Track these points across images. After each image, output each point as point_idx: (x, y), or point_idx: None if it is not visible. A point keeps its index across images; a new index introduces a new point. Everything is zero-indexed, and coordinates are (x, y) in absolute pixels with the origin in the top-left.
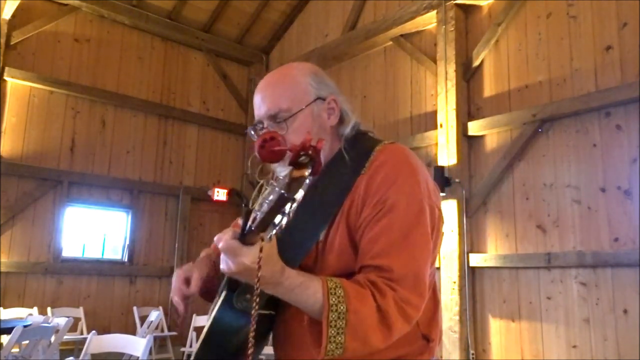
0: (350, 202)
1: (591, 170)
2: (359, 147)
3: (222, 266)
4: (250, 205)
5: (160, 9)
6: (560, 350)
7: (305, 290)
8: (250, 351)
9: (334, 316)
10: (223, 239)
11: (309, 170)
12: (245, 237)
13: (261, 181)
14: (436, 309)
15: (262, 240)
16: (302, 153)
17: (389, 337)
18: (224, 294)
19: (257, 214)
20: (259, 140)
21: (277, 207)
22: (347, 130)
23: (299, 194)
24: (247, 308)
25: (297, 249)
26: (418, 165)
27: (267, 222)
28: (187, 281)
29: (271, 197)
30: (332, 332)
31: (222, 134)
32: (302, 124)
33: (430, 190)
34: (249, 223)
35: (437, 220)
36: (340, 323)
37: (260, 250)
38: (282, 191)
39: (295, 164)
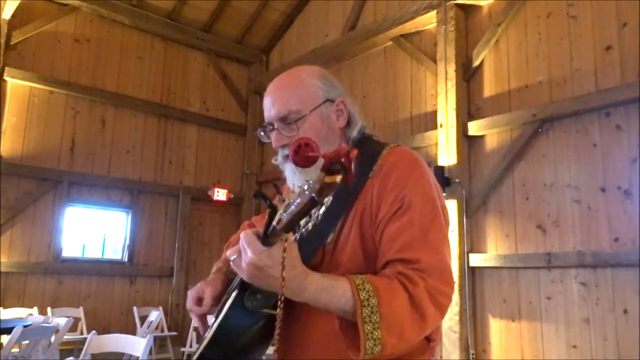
0: (363, 205)
1: (591, 170)
2: (366, 150)
3: (235, 268)
4: (275, 207)
5: (160, 9)
6: (560, 350)
7: (333, 291)
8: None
9: (367, 311)
10: (244, 233)
11: (340, 177)
12: (267, 238)
13: (284, 185)
14: None
15: (285, 240)
16: (334, 161)
17: (424, 327)
18: (234, 293)
19: (283, 216)
20: (293, 146)
21: (305, 209)
22: (355, 133)
23: (328, 200)
24: (257, 307)
25: (304, 251)
26: (426, 167)
27: (293, 223)
28: (199, 300)
29: (299, 200)
30: (368, 328)
31: (222, 134)
32: (311, 126)
33: (439, 189)
34: (274, 223)
35: (446, 219)
36: (375, 317)
37: (284, 251)
38: (313, 195)
39: (328, 171)
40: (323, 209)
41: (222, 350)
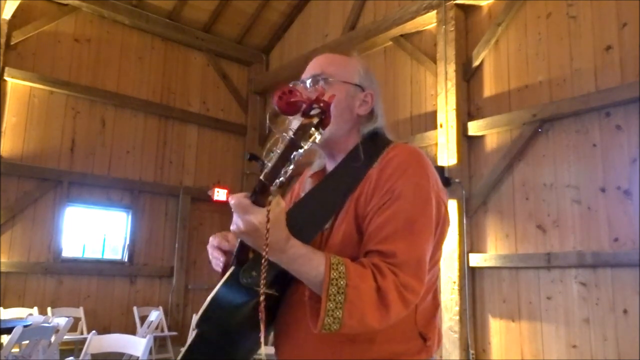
0: (360, 192)
1: (591, 170)
2: (374, 144)
3: (232, 226)
4: (265, 163)
5: (160, 9)
6: (560, 350)
7: (309, 261)
8: (261, 326)
9: (333, 290)
10: (235, 196)
11: (317, 120)
12: (257, 197)
13: (275, 138)
14: (436, 310)
15: (271, 196)
16: (314, 105)
17: (386, 318)
18: (231, 269)
19: (267, 165)
20: (277, 92)
21: (286, 153)
22: (371, 127)
23: (307, 144)
24: (252, 284)
25: (304, 234)
26: (428, 162)
27: (276, 170)
28: (225, 239)
29: (280, 146)
30: (331, 305)
31: (222, 134)
32: (335, 93)
33: (439, 186)
34: (260, 177)
35: (442, 216)
36: (339, 298)
37: (268, 211)
38: (292, 136)
39: (307, 116)
40: (303, 150)
41: (215, 327)
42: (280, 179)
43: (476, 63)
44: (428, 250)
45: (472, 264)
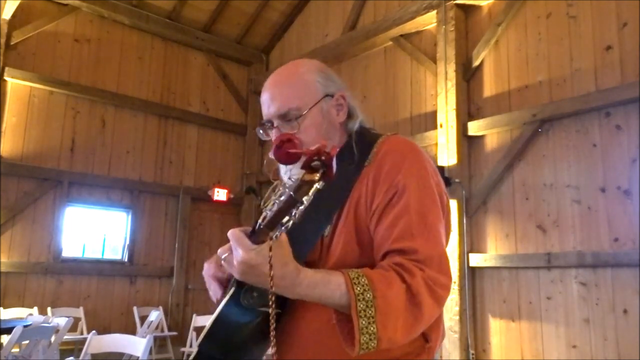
0: (358, 194)
1: (591, 170)
2: (363, 141)
3: (227, 266)
4: (263, 204)
5: (160, 9)
6: (560, 350)
7: (327, 285)
8: (273, 350)
9: (361, 305)
10: (232, 231)
11: (319, 175)
12: (255, 236)
13: (275, 182)
14: None
15: (271, 239)
16: (315, 158)
17: (422, 320)
18: (232, 290)
19: (268, 213)
20: (275, 141)
21: (285, 208)
22: (356, 125)
23: (308, 198)
24: (253, 305)
25: (302, 244)
26: (422, 152)
27: (275, 221)
28: (220, 268)
29: (282, 198)
30: (363, 322)
31: (222, 134)
32: (312, 123)
33: (437, 175)
34: (259, 221)
35: (445, 205)
36: (370, 312)
37: (270, 249)
38: (292, 193)
39: (308, 168)
40: (303, 206)
41: (218, 346)
42: (280, 229)
43: (476, 63)
44: (445, 243)
45: (472, 264)
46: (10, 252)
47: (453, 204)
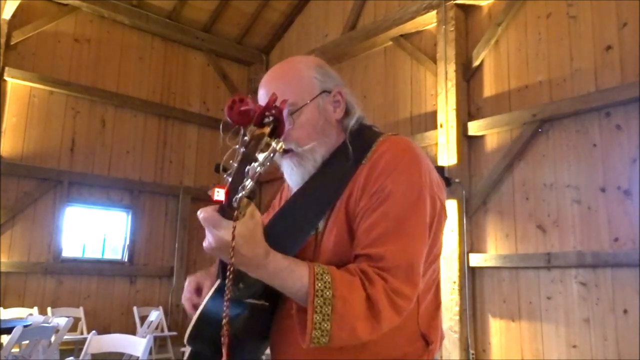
0: (350, 191)
1: (591, 170)
2: (362, 139)
3: (205, 243)
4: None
5: (160, 9)
6: (560, 350)
7: (291, 274)
8: (224, 339)
9: (319, 302)
10: (204, 210)
11: (270, 129)
12: (226, 211)
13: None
14: (437, 310)
15: (237, 209)
16: (266, 113)
17: (377, 328)
18: (217, 282)
19: (227, 180)
20: (228, 102)
21: (240, 167)
22: (352, 122)
23: (261, 155)
24: (240, 297)
25: (292, 238)
26: (421, 155)
27: (235, 184)
28: (198, 290)
29: (237, 159)
30: (318, 318)
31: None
32: (308, 118)
33: (433, 181)
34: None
35: (438, 212)
36: (326, 309)
37: (235, 220)
38: (243, 148)
39: (260, 125)
40: (258, 164)
41: (209, 343)
42: (241, 194)
43: (476, 63)
44: (421, 252)
45: (472, 264)
46: (10, 252)
47: (453, 204)
